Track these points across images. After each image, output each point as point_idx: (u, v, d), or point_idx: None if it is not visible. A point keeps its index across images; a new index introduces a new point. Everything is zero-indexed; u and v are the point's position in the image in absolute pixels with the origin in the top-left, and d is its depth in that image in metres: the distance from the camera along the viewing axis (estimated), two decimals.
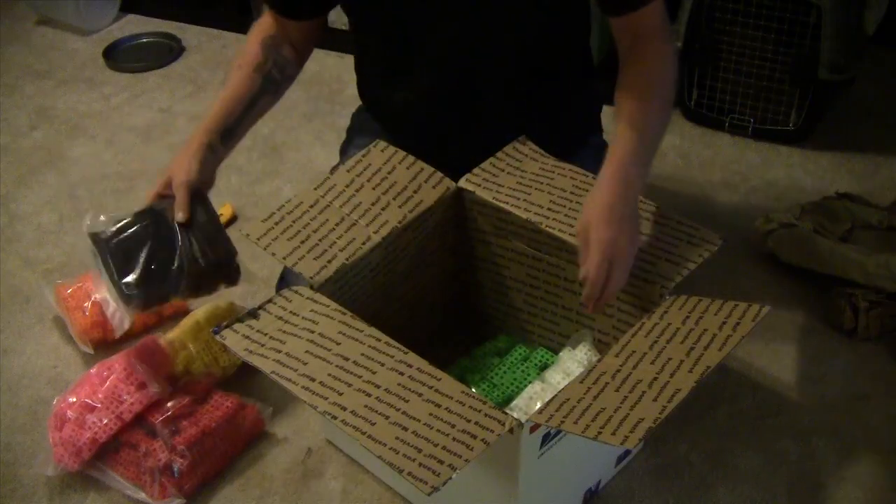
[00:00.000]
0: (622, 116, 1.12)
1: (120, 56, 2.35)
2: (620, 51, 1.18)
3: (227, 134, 1.27)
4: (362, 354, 0.98)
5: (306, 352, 0.99)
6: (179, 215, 1.20)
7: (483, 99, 1.29)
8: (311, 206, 1.19)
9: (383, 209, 1.20)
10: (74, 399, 1.25)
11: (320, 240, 1.15)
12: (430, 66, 1.27)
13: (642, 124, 1.11)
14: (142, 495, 1.22)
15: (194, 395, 1.27)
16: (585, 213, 1.08)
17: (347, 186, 1.22)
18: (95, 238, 1.24)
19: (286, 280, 1.36)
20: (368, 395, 0.93)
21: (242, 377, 1.40)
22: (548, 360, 1.28)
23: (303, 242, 1.14)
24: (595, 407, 0.92)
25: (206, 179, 1.25)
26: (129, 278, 1.19)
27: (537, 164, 1.26)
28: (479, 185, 1.24)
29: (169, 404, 1.24)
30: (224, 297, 1.55)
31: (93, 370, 1.30)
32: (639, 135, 1.09)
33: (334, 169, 1.39)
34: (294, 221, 1.17)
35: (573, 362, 1.19)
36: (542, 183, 1.23)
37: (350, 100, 1.50)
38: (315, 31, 1.33)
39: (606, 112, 1.48)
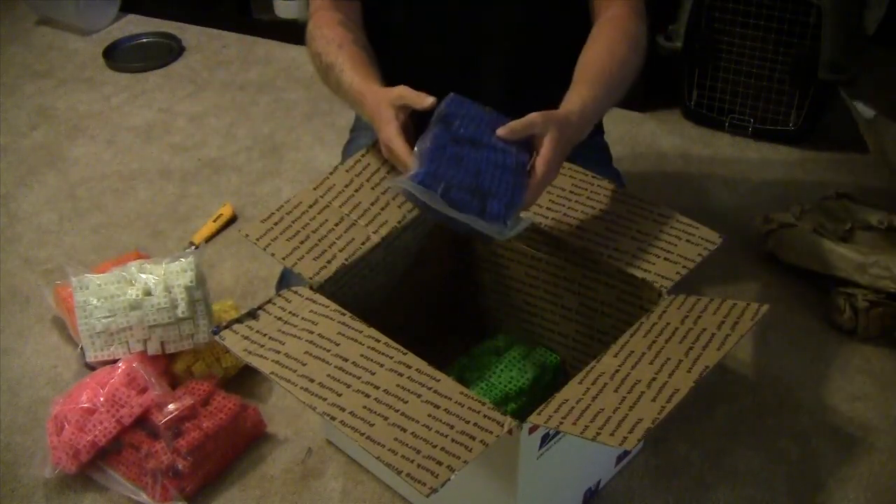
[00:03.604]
0: (586, 67, 1.14)
1: (120, 56, 2.36)
2: (594, 9, 1.21)
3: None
4: (361, 355, 0.98)
5: (305, 352, 0.99)
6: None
7: (482, 92, 1.29)
8: (311, 206, 1.19)
9: (383, 209, 1.19)
10: (74, 402, 1.25)
11: (320, 240, 1.15)
12: (432, 51, 1.28)
13: (605, 80, 1.13)
14: (143, 496, 1.22)
15: (196, 396, 1.27)
16: (547, 119, 1.05)
17: (347, 186, 1.22)
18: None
19: (286, 280, 1.36)
20: (367, 395, 0.93)
21: (243, 378, 1.40)
22: (547, 359, 1.28)
23: (302, 243, 1.14)
24: (594, 407, 0.92)
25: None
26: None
27: None
28: None
29: (171, 406, 1.24)
30: (224, 297, 1.56)
31: (94, 373, 1.30)
32: (598, 90, 1.11)
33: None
34: (293, 221, 1.17)
35: None
36: None
37: None
38: (359, 13, 1.29)
39: (608, 113, 1.48)
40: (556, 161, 1.04)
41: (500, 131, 1.04)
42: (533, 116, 1.04)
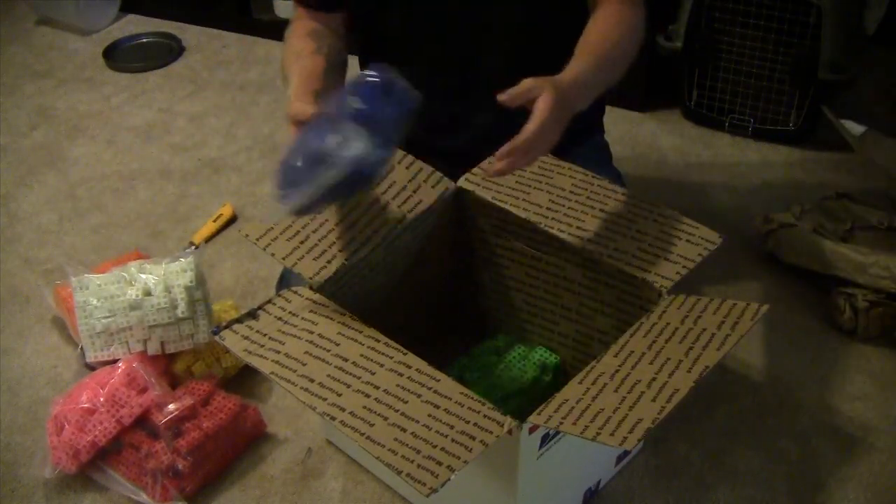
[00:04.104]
0: (581, 45, 1.15)
1: (120, 56, 2.36)
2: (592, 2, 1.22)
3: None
4: (361, 355, 0.98)
5: (305, 352, 0.99)
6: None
7: (483, 90, 1.30)
8: None
9: (383, 209, 1.20)
10: (74, 402, 1.25)
11: (320, 240, 1.15)
12: (431, 51, 1.28)
13: (599, 56, 1.14)
14: (143, 496, 1.22)
15: (196, 396, 1.27)
16: (544, 82, 1.05)
17: None
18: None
19: (286, 280, 1.36)
20: (367, 395, 0.93)
21: (243, 378, 1.40)
22: (547, 359, 1.28)
23: (302, 243, 1.14)
24: (594, 408, 0.92)
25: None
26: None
27: (536, 163, 1.26)
28: (479, 185, 1.24)
29: (171, 406, 1.24)
30: (224, 297, 1.56)
31: (94, 373, 1.30)
32: (592, 63, 1.13)
33: None
34: (293, 222, 1.17)
35: None
36: (541, 182, 1.23)
37: None
38: (340, 23, 1.32)
39: (608, 112, 1.49)
40: (553, 118, 1.03)
41: (502, 97, 1.03)
42: (528, 81, 1.04)
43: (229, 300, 1.52)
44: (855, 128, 1.79)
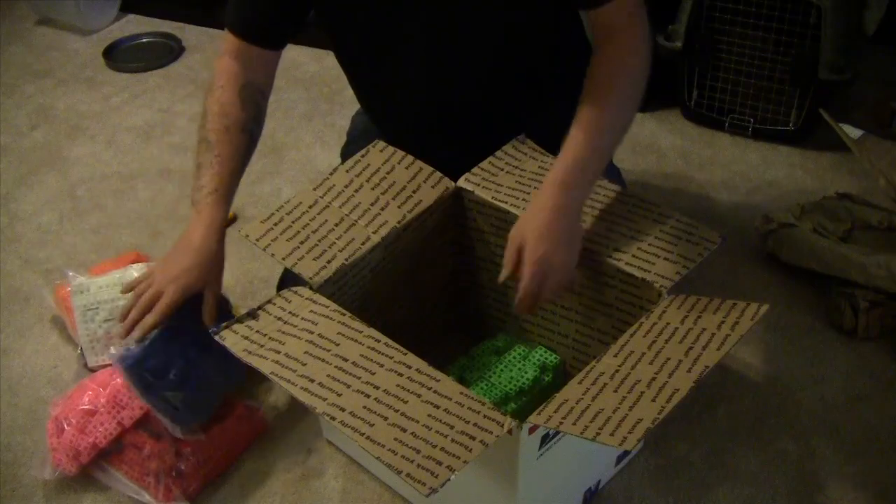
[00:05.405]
0: (577, 117, 1.12)
1: (120, 56, 2.36)
2: (594, 43, 1.18)
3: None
4: (361, 355, 0.98)
5: (305, 352, 0.99)
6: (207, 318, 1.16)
7: (470, 97, 1.29)
8: (311, 207, 1.19)
9: (382, 209, 1.20)
10: (75, 403, 1.25)
11: (320, 240, 1.15)
12: (412, 65, 1.27)
13: (596, 127, 1.11)
14: (145, 496, 1.22)
15: None
16: (522, 222, 1.10)
17: (346, 187, 1.22)
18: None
19: (286, 280, 1.36)
20: (367, 395, 0.93)
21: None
22: (547, 359, 1.28)
23: (302, 243, 1.14)
24: (594, 408, 0.92)
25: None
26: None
27: (536, 163, 1.27)
28: (478, 185, 1.24)
29: None
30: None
31: (94, 374, 1.30)
32: (590, 138, 1.10)
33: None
34: (293, 222, 1.17)
35: None
36: (541, 182, 1.23)
37: (350, 100, 1.50)
38: (274, 65, 1.28)
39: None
40: (541, 265, 1.07)
41: (501, 279, 1.11)
42: (509, 240, 1.10)
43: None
44: (853, 131, 1.79)
